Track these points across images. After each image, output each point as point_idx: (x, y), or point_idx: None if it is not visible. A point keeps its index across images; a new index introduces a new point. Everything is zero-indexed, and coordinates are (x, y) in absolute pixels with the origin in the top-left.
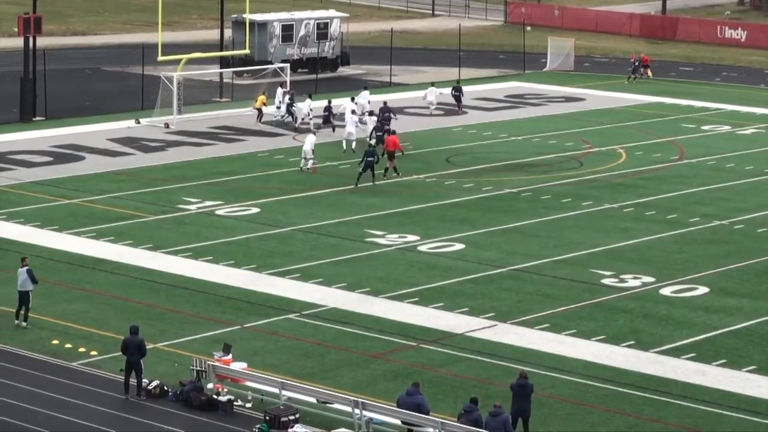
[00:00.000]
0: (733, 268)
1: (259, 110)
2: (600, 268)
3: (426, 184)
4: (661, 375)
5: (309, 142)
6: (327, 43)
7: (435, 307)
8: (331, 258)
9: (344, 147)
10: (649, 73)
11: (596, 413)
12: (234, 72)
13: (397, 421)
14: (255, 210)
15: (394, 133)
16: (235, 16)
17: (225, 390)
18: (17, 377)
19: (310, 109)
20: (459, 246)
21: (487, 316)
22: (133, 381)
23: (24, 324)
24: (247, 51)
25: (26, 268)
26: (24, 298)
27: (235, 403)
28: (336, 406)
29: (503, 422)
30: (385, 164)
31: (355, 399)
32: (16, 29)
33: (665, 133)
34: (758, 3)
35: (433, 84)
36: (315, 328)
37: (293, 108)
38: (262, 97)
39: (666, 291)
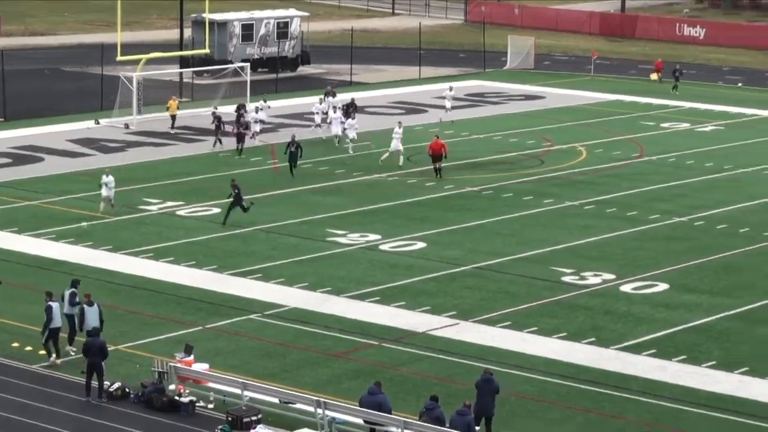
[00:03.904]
0: (693, 265)
1: (173, 117)
2: (561, 266)
3: (387, 183)
4: (621, 371)
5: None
6: (287, 43)
7: (397, 306)
8: (292, 258)
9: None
10: (656, 76)
11: (557, 410)
12: (194, 72)
13: (360, 421)
14: (216, 210)
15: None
16: (195, 15)
17: (187, 391)
18: None
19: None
20: (421, 245)
21: (449, 314)
22: (94, 383)
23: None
24: (206, 51)
25: (71, 290)
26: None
27: (197, 404)
28: (298, 406)
29: (468, 423)
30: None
31: (318, 399)
32: None
33: (625, 131)
34: (716, 1)
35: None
36: (276, 328)
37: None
38: (173, 102)
39: (626, 288)
